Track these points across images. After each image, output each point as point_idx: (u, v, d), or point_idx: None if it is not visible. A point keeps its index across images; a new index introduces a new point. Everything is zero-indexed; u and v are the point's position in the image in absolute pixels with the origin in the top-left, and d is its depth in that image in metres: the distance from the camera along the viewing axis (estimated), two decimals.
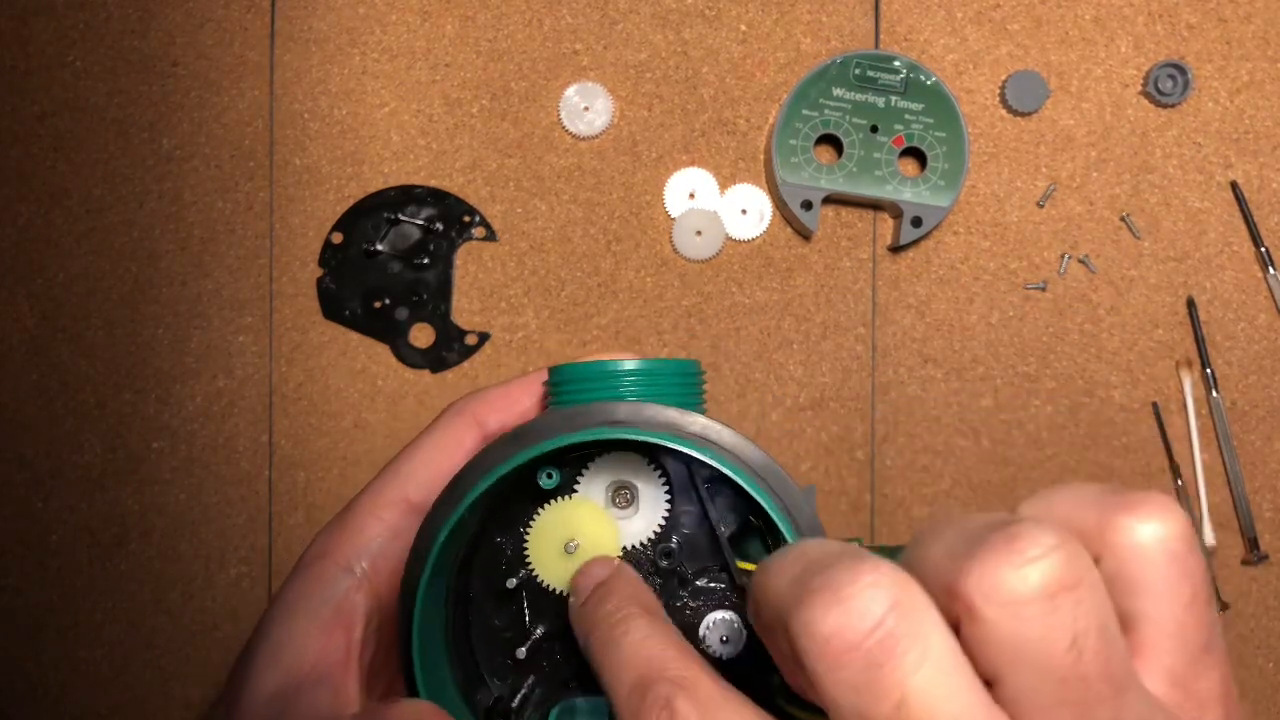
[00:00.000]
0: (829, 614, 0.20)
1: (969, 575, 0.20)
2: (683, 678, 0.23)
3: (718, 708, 0.22)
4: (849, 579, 0.20)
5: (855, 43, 0.63)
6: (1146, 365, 0.63)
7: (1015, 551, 0.19)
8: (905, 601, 0.20)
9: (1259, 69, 0.63)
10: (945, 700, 0.19)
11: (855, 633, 0.19)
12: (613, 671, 0.24)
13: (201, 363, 0.63)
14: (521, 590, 0.31)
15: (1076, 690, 0.20)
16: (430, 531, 0.29)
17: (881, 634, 0.19)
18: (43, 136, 0.63)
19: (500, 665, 0.31)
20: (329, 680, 0.30)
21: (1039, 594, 0.19)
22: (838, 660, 0.19)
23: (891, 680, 0.19)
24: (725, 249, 0.63)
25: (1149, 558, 0.21)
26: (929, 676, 0.19)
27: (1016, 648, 0.19)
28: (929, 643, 0.19)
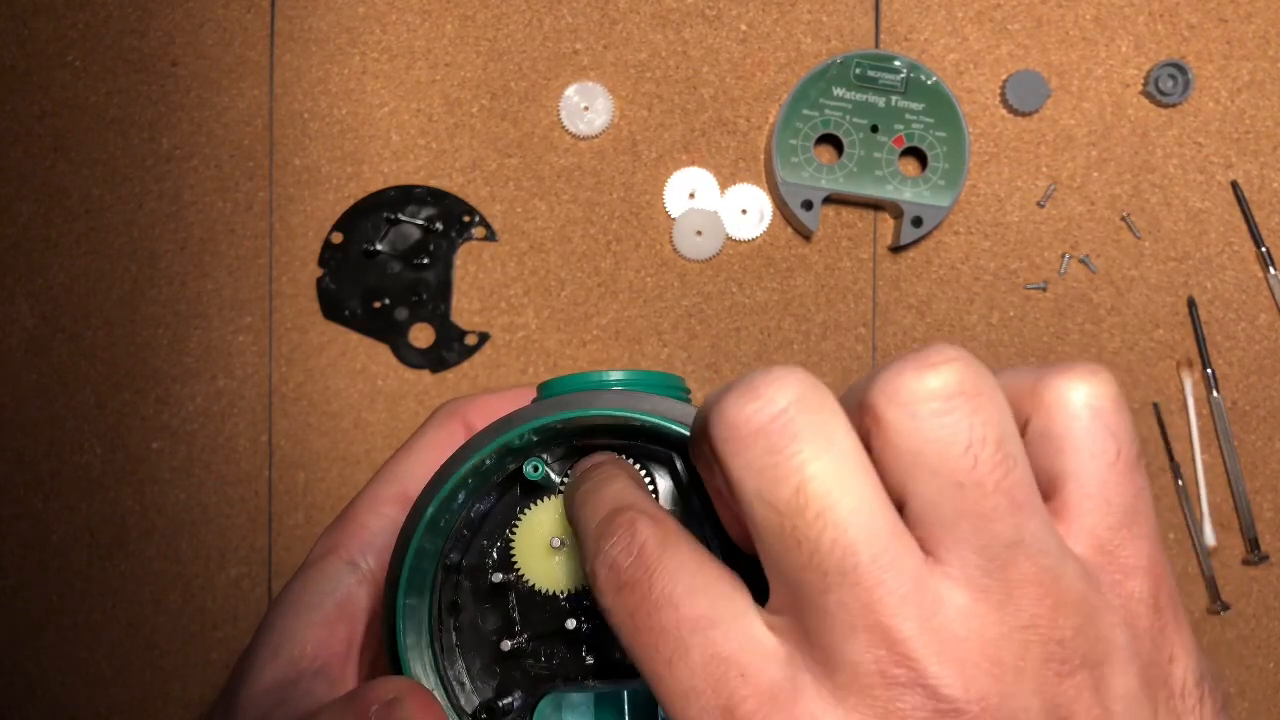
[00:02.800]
0: (738, 402, 0.21)
1: (875, 384, 0.21)
2: (652, 511, 0.24)
3: (676, 540, 0.23)
4: (762, 376, 0.21)
5: (855, 43, 0.63)
6: (1147, 365, 0.63)
7: (919, 359, 0.21)
8: (811, 396, 0.21)
9: (1259, 69, 0.63)
10: (844, 492, 0.20)
11: (761, 416, 0.21)
12: (589, 511, 0.25)
13: (201, 363, 0.63)
14: (508, 590, 0.31)
15: (974, 499, 0.20)
16: (413, 519, 0.30)
17: (785, 419, 0.20)
18: (43, 136, 0.63)
19: (485, 665, 0.32)
20: (328, 672, 0.30)
21: (937, 394, 0.20)
22: (744, 444, 0.21)
23: (791, 465, 0.20)
24: (725, 249, 0.63)
25: (1074, 414, 0.22)
26: (829, 467, 0.20)
27: (915, 450, 0.20)
28: (832, 436, 0.21)
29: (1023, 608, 0.20)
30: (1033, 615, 0.20)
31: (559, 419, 0.29)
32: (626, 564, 0.22)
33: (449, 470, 0.30)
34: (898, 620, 0.20)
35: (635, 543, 0.23)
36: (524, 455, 0.31)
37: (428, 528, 0.29)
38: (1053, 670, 0.20)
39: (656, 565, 0.22)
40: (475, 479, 0.30)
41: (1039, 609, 0.20)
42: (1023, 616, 0.20)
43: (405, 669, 0.29)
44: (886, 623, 0.20)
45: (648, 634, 0.22)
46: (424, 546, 0.30)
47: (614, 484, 0.26)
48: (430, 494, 0.30)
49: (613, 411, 0.30)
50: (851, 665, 0.20)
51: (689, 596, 0.21)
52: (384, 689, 0.27)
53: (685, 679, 0.21)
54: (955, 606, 0.20)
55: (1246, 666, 0.63)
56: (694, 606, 0.21)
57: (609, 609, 0.23)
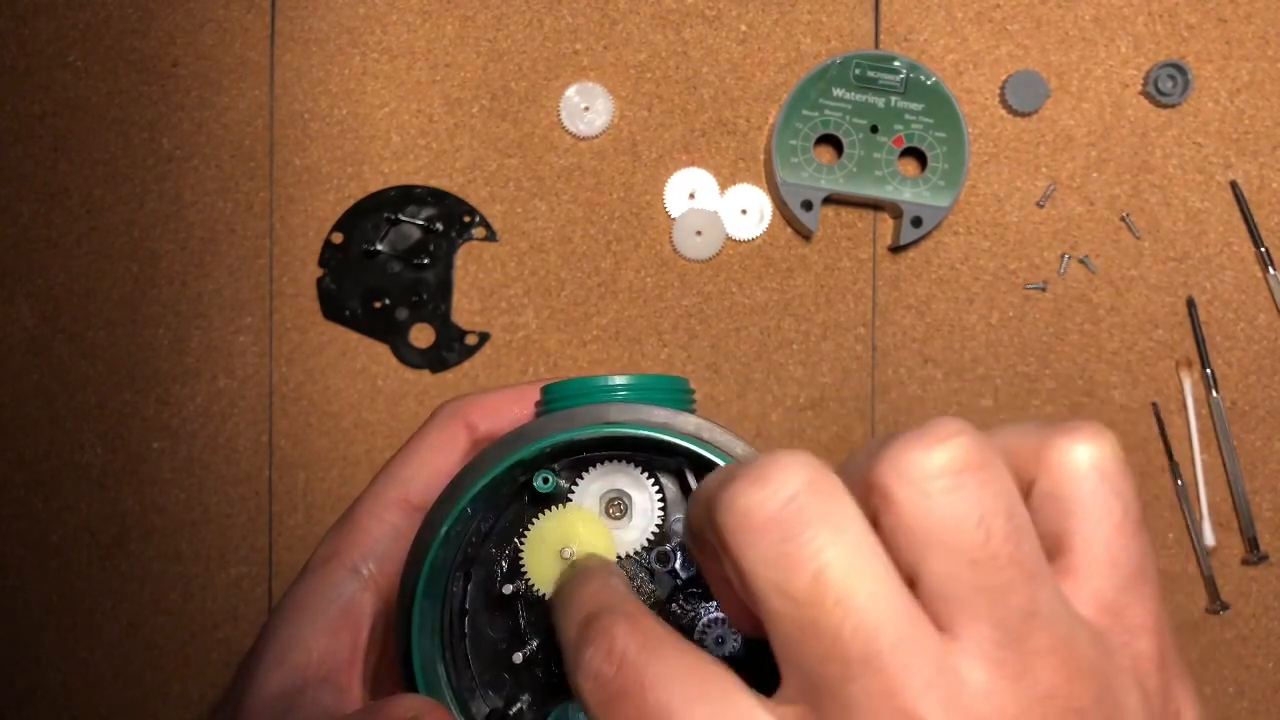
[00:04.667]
0: (747, 491, 0.21)
1: (882, 462, 0.21)
2: (628, 612, 0.23)
3: (658, 640, 0.22)
4: (768, 462, 0.21)
5: (855, 43, 0.63)
6: (1146, 365, 0.63)
7: (924, 436, 0.21)
8: (821, 482, 0.21)
9: (1259, 69, 0.63)
10: (862, 577, 0.20)
11: (772, 504, 0.20)
12: (567, 616, 0.25)
13: (201, 363, 0.63)
14: (517, 600, 0.31)
15: (989, 573, 0.20)
16: (428, 533, 0.29)
17: (796, 506, 0.20)
18: (43, 136, 0.63)
19: (495, 675, 0.31)
20: (334, 679, 0.30)
21: (944, 470, 0.20)
22: (755, 534, 0.20)
23: (807, 552, 0.20)
24: (725, 249, 0.63)
25: (1080, 475, 0.22)
26: (845, 553, 0.20)
27: (927, 528, 0.20)
28: (844, 522, 0.20)
29: (1040, 679, 0.20)
30: (1051, 686, 0.20)
31: (569, 438, 0.29)
32: (611, 675, 0.22)
33: (460, 487, 0.30)
34: (923, 705, 0.19)
35: (615, 650, 0.22)
36: (533, 467, 0.31)
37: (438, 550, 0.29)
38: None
39: (643, 672, 0.21)
40: (486, 493, 0.30)
41: (1056, 679, 0.20)
42: (1041, 688, 0.20)
43: (420, 682, 0.29)
44: (911, 708, 0.19)
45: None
46: (437, 561, 0.30)
47: (588, 585, 0.26)
48: (443, 511, 0.29)
49: (624, 430, 0.29)
50: None
51: (686, 703, 0.21)
52: (402, 706, 0.27)
53: None
54: (975, 684, 0.20)
55: (1246, 666, 0.63)
56: (693, 713, 0.21)
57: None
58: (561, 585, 0.27)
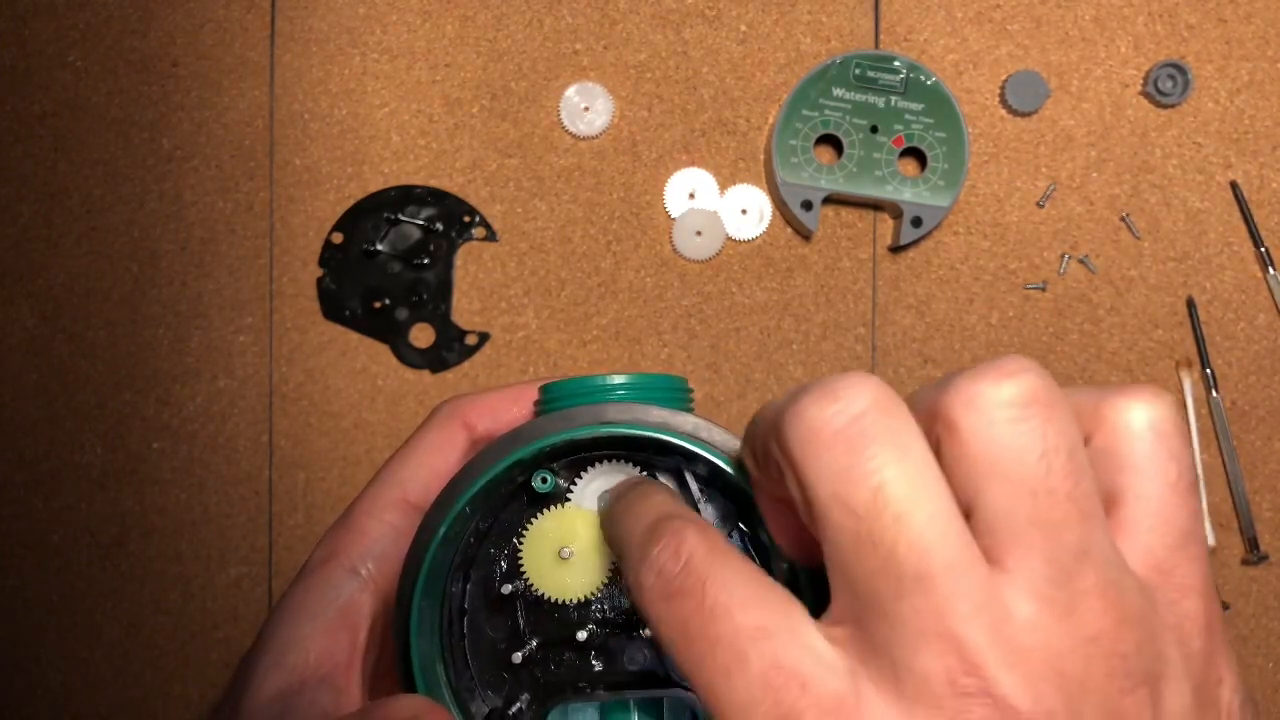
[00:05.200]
0: (816, 405, 0.21)
1: (950, 391, 0.21)
2: (699, 521, 0.24)
3: (725, 549, 0.23)
4: (839, 379, 0.21)
5: (855, 43, 0.63)
6: (1146, 365, 0.63)
7: (994, 368, 0.21)
8: (888, 402, 0.21)
9: (1259, 69, 0.63)
10: (921, 498, 0.20)
11: (840, 418, 0.21)
12: (630, 523, 0.25)
13: (201, 363, 0.63)
14: (516, 599, 0.31)
15: (1046, 507, 0.20)
16: (426, 534, 0.29)
17: (864, 423, 0.21)
18: (43, 136, 0.63)
19: (494, 675, 0.31)
20: (332, 681, 0.30)
21: (1013, 402, 0.21)
22: (821, 447, 0.21)
23: (870, 467, 0.20)
24: (725, 249, 0.63)
25: (1137, 434, 0.22)
26: (906, 472, 0.20)
27: (991, 456, 0.20)
28: (908, 442, 0.21)
29: (1088, 620, 0.20)
30: (1098, 628, 0.20)
31: (567, 438, 0.29)
32: (675, 571, 0.22)
33: (458, 488, 0.30)
34: (970, 629, 0.20)
35: (684, 550, 0.22)
36: (532, 467, 0.31)
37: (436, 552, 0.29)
38: (1115, 685, 0.20)
39: (707, 573, 0.22)
40: (483, 494, 0.30)
41: (1104, 622, 0.20)
42: (1088, 629, 0.20)
43: (419, 683, 0.29)
44: (958, 631, 0.20)
45: (702, 643, 0.21)
46: (435, 562, 0.29)
47: (655, 496, 0.26)
48: (441, 512, 0.29)
49: (623, 430, 0.29)
50: (920, 674, 0.20)
51: (744, 607, 0.21)
52: (401, 707, 0.27)
53: (743, 690, 0.21)
54: (1022, 616, 0.20)
55: (1246, 666, 0.63)
56: (750, 617, 0.21)
57: (657, 618, 0.22)
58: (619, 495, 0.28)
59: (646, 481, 0.28)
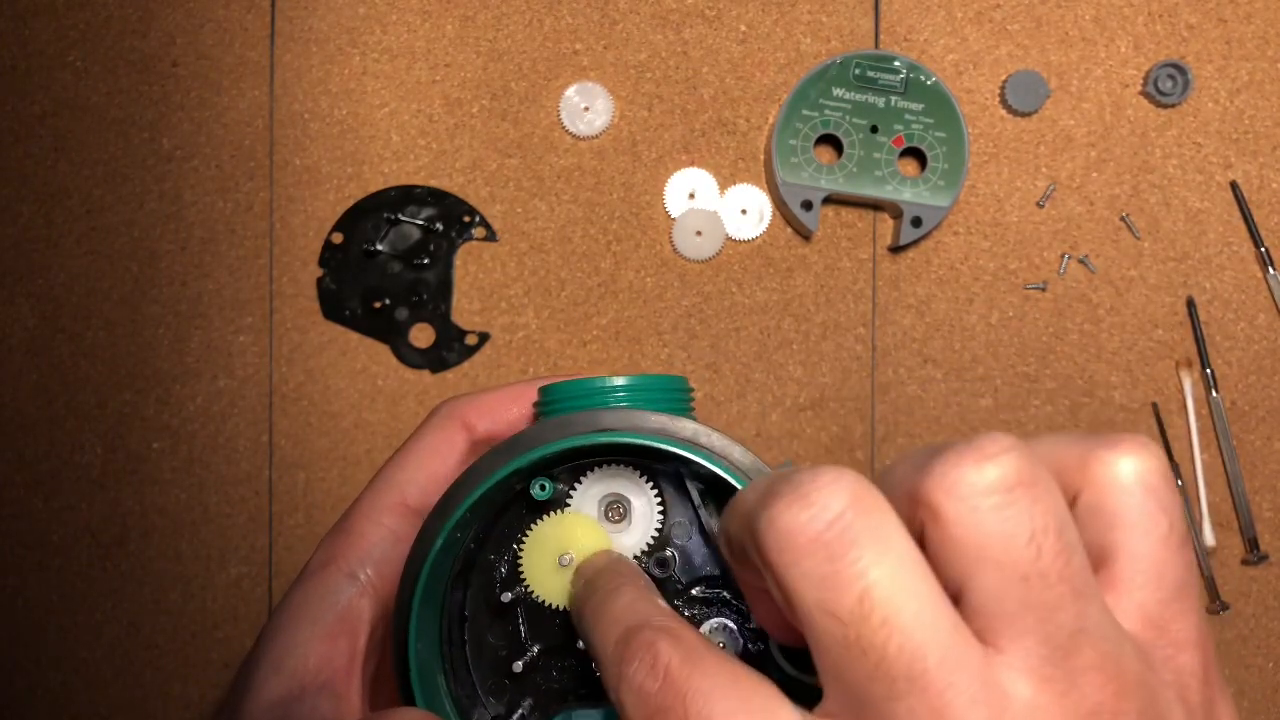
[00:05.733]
0: (791, 509, 0.20)
1: (930, 476, 0.20)
2: (669, 627, 0.23)
3: (701, 654, 0.22)
4: (810, 479, 0.21)
5: (855, 43, 0.63)
6: (1146, 365, 0.63)
7: (974, 450, 0.20)
8: (865, 498, 0.20)
9: (1259, 69, 0.63)
10: (908, 596, 0.20)
11: (817, 524, 0.20)
12: (602, 631, 0.25)
13: (201, 363, 0.63)
14: (516, 606, 0.31)
15: (1039, 590, 0.20)
16: (423, 543, 0.29)
17: (841, 526, 0.20)
18: (43, 136, 0.63)
19: (496, 683, 0.31)
20: (331, 687, 0.30)
21: (996, 487, 0.20)
22: (800, 553, 0.20)
23: (853, 572, 0.20)
24: (725, 249, 0.63)
25: (1126, 489, 0.22)
26: (891, 571, 0.20)
27: (978, 544, 0.20)
28: (890, 539, 0.20)
29: (1087, 695, 0.20)
30: (1097, 702, 0.20)
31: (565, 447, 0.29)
32: (654, 690, 0.22)
33: (456, 497, 0.29)
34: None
35: (659, 665, 0.22)
36: (530, 475, 0.30)
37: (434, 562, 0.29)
38: None
39: (686, 687, 0.21)
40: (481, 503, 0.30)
41: (1103, 695, 0.20)
42: (1087, 704, 0.20)
43: (418, 693, 0.29)
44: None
45: None
46: (433, 572, 0.29)
47: (621, 597, 0.26)
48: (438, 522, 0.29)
49: (620, 438, 0.29)
50: None
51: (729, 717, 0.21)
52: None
53: None
54: (1021, 700, 0.20)
55: (1246, 666, 0.63)
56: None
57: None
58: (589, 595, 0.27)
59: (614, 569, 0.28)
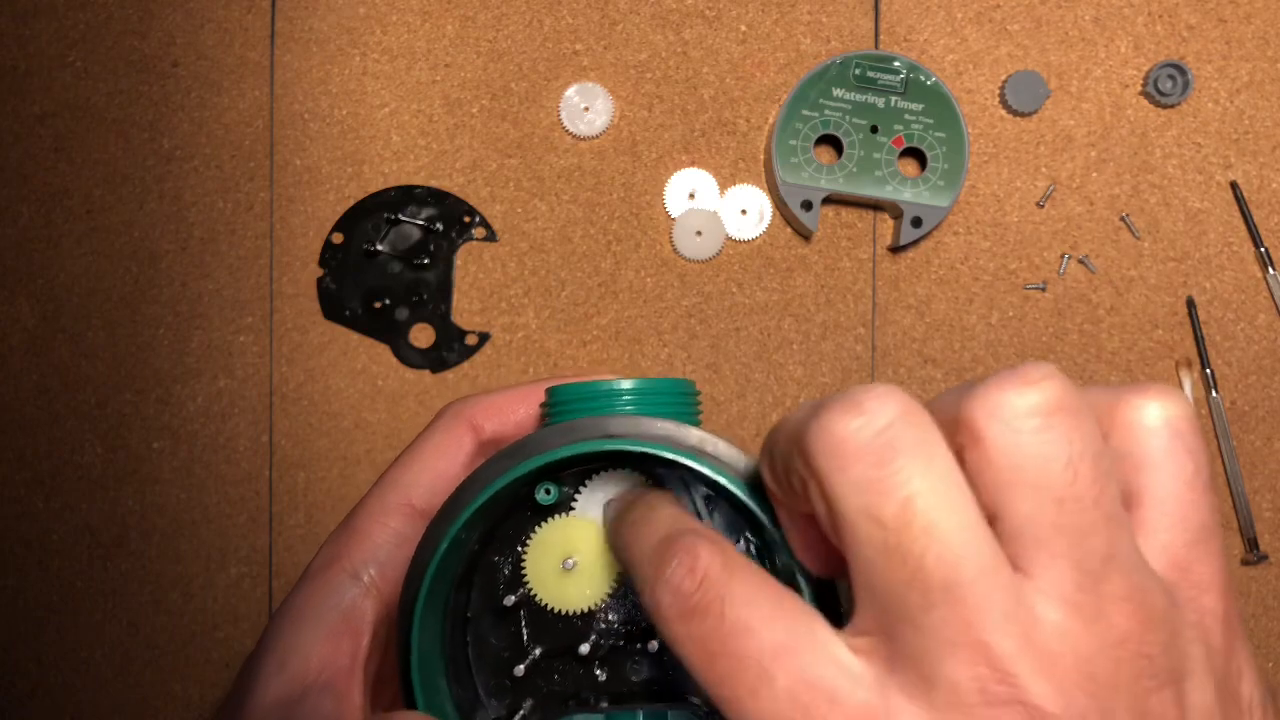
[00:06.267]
0: (842, 418, 0.21)
1: (973, 399, 0.21)
2: (710, 534, 0.24)
3: (739, 563, 0.23)
4: (862, 391, 0.21)
5: (855, 43, 0.63)
6: (1146, 365, 0.63)
7: (1017, 376, 0.21)
8: (913, 413, 0.21)
9: (1259, 69, 0.63)
10: (948, 508, 0.20)
11: (866, 431, 0.21)
12: (642, 539, 0.25)
13: (202, 363, 0.63)
14: (519, 609, 0.31)
15: (1072, 514, 0.20)
16: (428, 547, 0.29)
17: (891, 434, 0.20)
18: (43, 136, 0.63)
19: (498, 685, 0.31)
20: (334, 687, 0.30)
21: (1037, 410, 0.21)
22: (848, 460, 0.21)
23: (899, 479, 0.20)
24: (725, 249, 0.63)
25: (1153, 432, 0.22)
26: (932, 483, 0.20)
27: (1016, 465, 0.20)
28: (933, 453, 0.21)
29: (1115, 624, 0.20)
30: (1125, 631, 0.20)
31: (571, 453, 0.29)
32: (692, 589, 0.22)
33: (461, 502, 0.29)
34: (999, 637, 0.20)
35: (699, 567, 0.22)
36: (535, 479, 0.30)
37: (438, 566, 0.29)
38: (1143, 686, 0.20)
39: (725, 590, 0.22)
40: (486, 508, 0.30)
41: (1130, 625, 0.20)
42: (1115, 632, 0.20)
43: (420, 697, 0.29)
44: (987, 640, 0.20)
45: (725, 661, 0.21)
46: (437, 576, 0.29)
47: (663, 509, 0.26)
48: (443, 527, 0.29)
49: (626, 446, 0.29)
50: (951, 683, 0.20)
51: (766, 622, 0.21)
52: None
53: (770, 707, 0.21)
54: (1050, 623, 0.20)
55: None
56: (773, 632, 0.21)
57: (677, 637, 0.22)
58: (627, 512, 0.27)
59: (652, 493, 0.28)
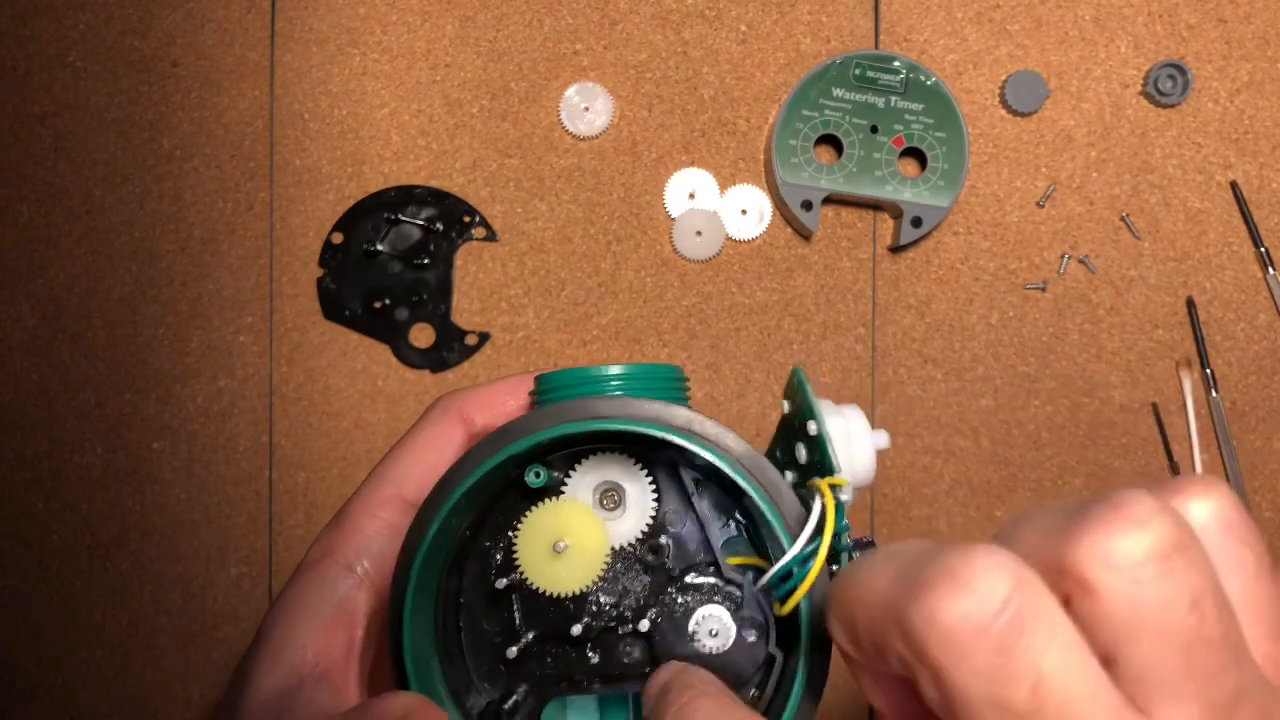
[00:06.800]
0: (953, 600, 0.19)
1: (1079, 546, 0.19)
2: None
3: None
4: (965, 564, 0.19)
5: (855, 43, 0.63)
6: (1146, 365, 0.63)
7: (1125, 518, 0.19)
8: (1026, 581, 0.19)
9: (1259, 69, 0.63)
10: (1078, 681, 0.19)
11: (983, 615, 0.19)
12: None
13: (202, 363, 0.63)
14: (511, 593, 0.31)
15: (1201, 658, 0.19)
16: (418, 531, 0.29)
17: (1010, 614, 0.19)
18: (43, 136, 0.63)
19: (491, 669, 0.31)
20: (330, 678, 0.30)
21: (1155, 555, 0.19)
22: (968, 649, 0.19)
23: (1025, 662, 0.19)
24: (725, 249, 0.63)
25: (1206, 531, 0.21)
26: (1060, 657, 0.19)
27: (1138, 616, 0.19)
28: (1054, 621, 0.19)
29: None
30: None
31: (560, 434, 0.29)
32: None
33: (450, 484, 0.29)
34: None
35: None
36: (525, 462, 0.31)
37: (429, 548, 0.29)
38: None
39: None
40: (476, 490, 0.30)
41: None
42: None
43: (413, 679, 0.29)
44: None
45: None
46: (428, 558, 0.29)
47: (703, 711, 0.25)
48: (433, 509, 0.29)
49: (616, 426, 0.29)
50: None
51: None
52: (395, 704, 0.27)
53: None
54: None
55: None
56: None
57: None
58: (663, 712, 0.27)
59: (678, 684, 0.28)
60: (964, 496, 0.63)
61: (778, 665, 0.30)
